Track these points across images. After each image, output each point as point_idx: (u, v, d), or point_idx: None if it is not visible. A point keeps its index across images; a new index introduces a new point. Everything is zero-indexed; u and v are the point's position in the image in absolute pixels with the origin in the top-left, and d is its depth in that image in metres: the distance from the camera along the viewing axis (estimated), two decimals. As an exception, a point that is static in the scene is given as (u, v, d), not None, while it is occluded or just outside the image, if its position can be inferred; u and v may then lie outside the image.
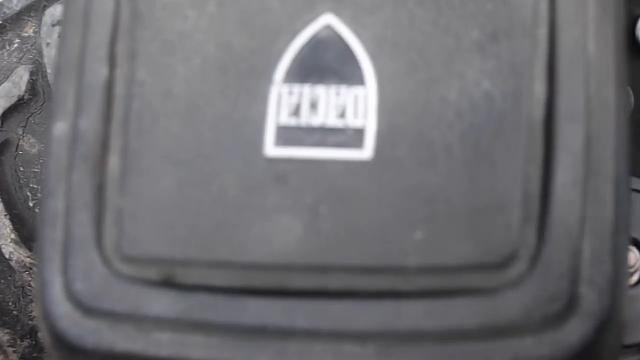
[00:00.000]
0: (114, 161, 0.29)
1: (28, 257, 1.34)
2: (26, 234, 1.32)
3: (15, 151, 1.33)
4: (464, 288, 0.26)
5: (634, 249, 0.62)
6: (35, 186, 1.33)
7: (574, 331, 0.26)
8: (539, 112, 0.27)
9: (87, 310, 0.28)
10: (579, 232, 0.26)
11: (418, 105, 0.27)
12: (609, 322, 0.26)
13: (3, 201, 1.30)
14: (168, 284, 0.28)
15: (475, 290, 0.26)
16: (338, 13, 0.28)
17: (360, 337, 0.26)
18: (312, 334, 0.27)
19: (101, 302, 0.28)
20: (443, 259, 0.27)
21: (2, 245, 1.30)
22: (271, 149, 0.28)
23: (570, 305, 0.25)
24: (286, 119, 0.29)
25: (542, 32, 0.27)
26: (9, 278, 1.40)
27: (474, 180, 0.26)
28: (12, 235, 1.30)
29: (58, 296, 0.29)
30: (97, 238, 0.29)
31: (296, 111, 0.28)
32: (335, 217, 0.27)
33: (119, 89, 0.31)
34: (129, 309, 0.28)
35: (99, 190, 0.29)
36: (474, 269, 0.26)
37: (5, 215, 1.29)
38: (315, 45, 0.28)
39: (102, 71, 0.32)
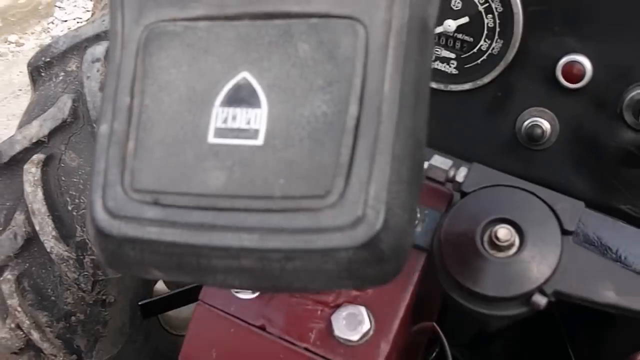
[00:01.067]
0: (131, 144, 0.53)
1: (65, 251, 1.53)
2: (65, 233, 1.52)
3: (58, 164, 1.54)
4: (306, 207, 0.49)
5: (509, 227, 0.77)
6: (74, 193, 1.53)
7: (363, 232, 0.48)
8: (352, 122, 0.50)
9: (114, 215, 0.52)
10: (367, 181, 0.48)
11: (289, 117, 0.50)
12: (384, 229, 0.48)
13: (47, 204, 1.50)
14: (156, 203, 0.51)
15: (312, 209, 0.49)
16: (250, 70, 0.52)
17: (249, 229, 0.50)
18: (228, 229, 0.50)
19: (120, 212, 0.52)
20: (294, 191, 0.50)
21: (45, 241, 1.50)
22: (211, 139, 0.52)
23: (360, 218, 0.48)
24: (220, 124, 0.53)
25: (357, 80, 0.50)
26: (49, 269, 1.59)
27: (314, 155, 0.49)
28: (53, 233, 1.50)
29: (99, 209, 0.52)
30: (120, 180, 0.52)
31: (225, 120, 0.52)
32: (242, 173, 0.50)
33: (135, 109, 0.55)
34: (135, 215, 0.51)
35: (123, 158, 0.53)
36: (311, 197, 0.48)
37: (48, 216, 1.50)
38: (237, 87, 0.51)
39: (126, 100, 0.56)
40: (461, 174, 0.80)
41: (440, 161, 0.82)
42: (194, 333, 0.91)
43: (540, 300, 0.66)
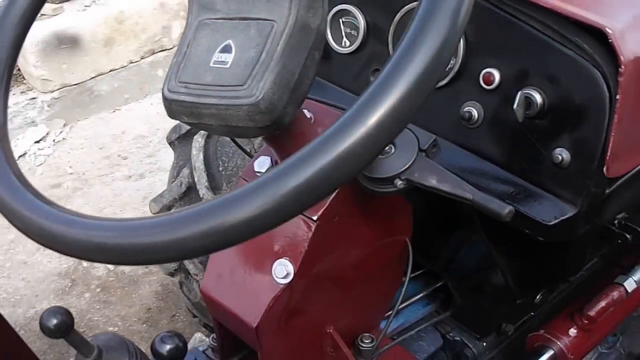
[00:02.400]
0: (182, 64, 0.98)
1: (213, 198, 2.08)
2: (214, 185, 2.08)
3: (217, 137, 2.10)
4: (235, 88, 0.94)
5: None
6: (225, 159, 2.09)
7: (253, 98, 0.91)
8: (263, 58, 0.96)
9: (170, 90, 0.97)
10: (261, 80, 0.90)
11: (240, 57, 0.99)
12: (262, 99, 0.90)
13: (204, 164, 2.07)
14: (185, 86, 0.98)
15: (237, 89, 0.92)
16: (232, 39, 1.04)
17: (214, 97, 0.97)
18: (208, 96, 0.96)
19: (172, 89, 0.96)
20: (234, 82, 0.92)
21: (200, 189, 2.07)
22: (212, 64, 0.94)
23: (255, 93, 0.91)
24: (216, 59, 0.96)
25: (269, 42, 0.93)
26: None
27: (245, 70, 0.93)
28: (206, 184, 2.06)
29: (165, 87, 0.99)
30: (175, 76, 0.99)
31: (218, 58, 0.96)
32: (219, 77, 0.94)
33: (187, 51, 1.02)
34: (176, 91, 0.96)
35: (178, 68, 0.99)
36: (238, 85, 0.93)
37: (204, 172, 2.07)
38: (226, 45, 1.00)
39: (184, 48, 1.06)
40: None
41: None
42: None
43: (397, 183, 1.06)
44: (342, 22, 1.45)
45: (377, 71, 1.39)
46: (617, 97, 1.07)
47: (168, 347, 1.05)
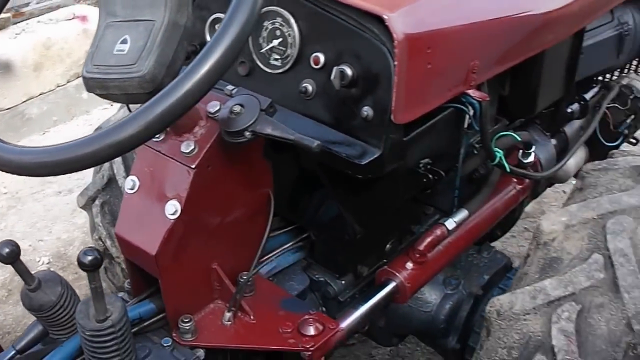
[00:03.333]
0: (94, 50, 1.35)
1: None
2: None
3: None
4: (131, 65, 1.26)
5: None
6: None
7: (142, 73, 1.23)
8: (148, 43, 1.34)
9: (87, 71, 1.29)
10: (147, 58, 1.25)
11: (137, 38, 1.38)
12: (148, 73, 1.22)
13: (122, 157, 2.39)
14: (97, 67, 1.31)
15: (132, 66, 1.28)
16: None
17: (115, 73, 1.27)
18: (112, 72, 1.31)
19: (88, 69, 1.29)
20: (132, 62, 1.28)
21: (118, 179, 2.39)
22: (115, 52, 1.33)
23: (144, 70, 1.24)
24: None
25: (154, 34, 1.33)
26: (120, 199, 2.45)
27: (139, 51, 1.29)
28: (124, 174, 2.37)
29: (84, 68, 1.34)
30: (90, 60, 1.34)
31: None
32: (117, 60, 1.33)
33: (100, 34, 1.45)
34: (91, 70, 1.29)
35: (92, 54, 1.39)
36: (133, 64, 1.27)
37: (122, 164, 2.38)
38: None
39: (100, 31, 1.50)
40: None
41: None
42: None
43: (246, 134, 1.43)
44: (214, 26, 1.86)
45: (243, 63, 1.78)
46: (395, 64, 1.48)
47: (89, 257, 1.38)
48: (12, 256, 1.40)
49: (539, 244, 1.73)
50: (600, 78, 2.70)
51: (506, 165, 1.88)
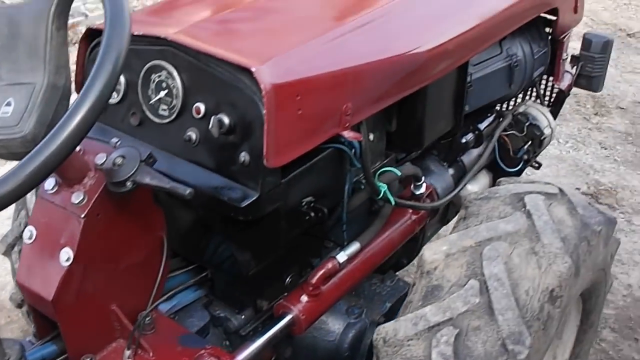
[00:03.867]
0: None
1: None
2: None
3: None
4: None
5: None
6: None
7: (29, 140, 1.35)
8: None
9: None
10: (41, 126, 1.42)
11: None
12: (38, 138, 1.31)
13: None
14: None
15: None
16: None
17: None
18: None
19: None
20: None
21: None
22: None
23: (28, 136, 1.31)
24: None
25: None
26: None
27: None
28: None
29: None
30: None
31: None
32: None
33: None
34: None
35: None
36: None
37: None
38: None
39: None
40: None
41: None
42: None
43: (127, 184, 1.54)
44: None
45: (134, 114, 1.89)
46: (264, 112, 1.60)
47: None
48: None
49: (422, 272, 1.84)
50: (496, 107, 2.85)
51: (391, 198, 2.00)
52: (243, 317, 2.06)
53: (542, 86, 3.09)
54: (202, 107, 1.73)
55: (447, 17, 2.22)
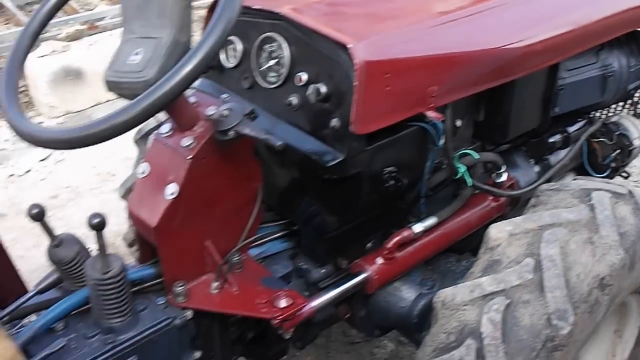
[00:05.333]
0: None
1: None
2: None
3: None
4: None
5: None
6: None
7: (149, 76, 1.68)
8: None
9: (107, 77, 1.69)
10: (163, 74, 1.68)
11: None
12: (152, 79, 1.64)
13: None
14: (112, 76, 1.67)
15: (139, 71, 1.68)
16: None
17: None
18: None
19: (107, 78, 1.70)
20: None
21: None
22: None
23: (151, 81, 1.56)
24: None
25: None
26: None
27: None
28: None
29: (106, 73, 1.71)
30: (111, 69, 1.72)
31: None
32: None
33: None
34: (108, 79, 1.68)
35: None
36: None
37: None
38: None
39: None
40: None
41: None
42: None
43: (230, 133, 1.77)
44: (227, 48, 2.21)
45: (246, 78, 2.14)
46: (355, 84, 1.81)
47: (96, 220, 1.74)
48: (41, 215, 1.77)
49: (486, 248, 2.01)
50: (588, 114, 2.95)
51: (468, 179, 2.17)
52: (323, 271, 2.26)
53: (637, 99, 3.16)
54: (304, 76, 1.95)
55: (543, 19, 2.34)
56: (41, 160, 5.16)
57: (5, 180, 4.92)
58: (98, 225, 1.68)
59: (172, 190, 1.84)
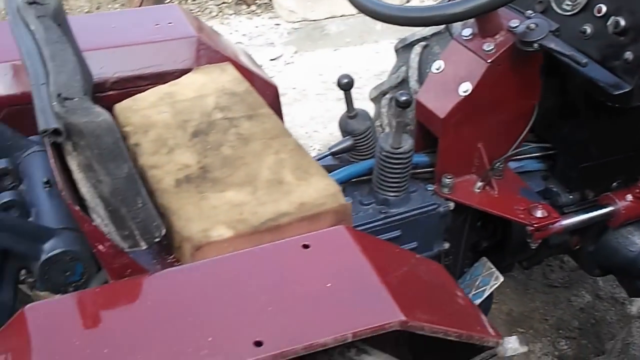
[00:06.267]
0: None
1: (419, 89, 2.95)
2: (420, 80, 2.91)
3: (430, 49, 2.95)
4: None
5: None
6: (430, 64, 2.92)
7: None
8: None
9: None
10: None
11: None
12: None
13: (418, 65, 2.89)
14: None
15: None
16: None
17: None
18: None
19: None
20: None
21: (410, 82, 2.92)
22: None
23: None
24: None
25: None
26: None
27: None
28: (416, 78, 2.90)
29: None
30: None
31: None
32: None
33: None
34: None
35: None
36: None
37: (417, 70, 2.91)
38: None
39: None
40: None
41: None
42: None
43: (534, 45, 1.91)
44: None
45: (541, 2, 2.23)
46: None
47: (403, 98, 1.93)
48: (348, 85, 1.99)
49: None
50: None
51: None
52: (571, 197, 2.36)
53: None
54: (604, 7, 2.03)
55: None
56: (272, 60, 5.48)
57: (236, 73, 5.28)
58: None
59: (465, 88, 2.00)
